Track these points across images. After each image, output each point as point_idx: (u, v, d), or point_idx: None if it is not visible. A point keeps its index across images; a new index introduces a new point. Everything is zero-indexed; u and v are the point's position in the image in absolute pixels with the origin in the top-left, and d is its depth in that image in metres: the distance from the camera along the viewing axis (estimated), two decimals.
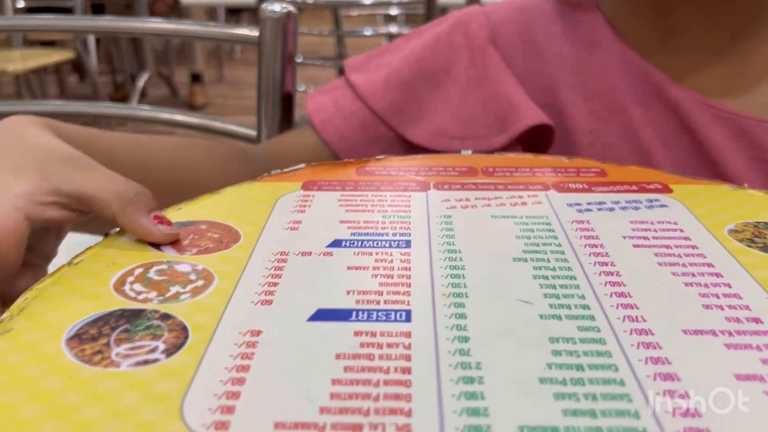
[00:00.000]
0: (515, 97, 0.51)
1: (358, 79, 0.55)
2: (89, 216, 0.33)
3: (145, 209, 0.32)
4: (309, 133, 0.55)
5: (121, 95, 3.51)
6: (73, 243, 0.36)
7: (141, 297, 0.28)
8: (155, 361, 0.24)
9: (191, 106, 3.48)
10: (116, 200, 0.32)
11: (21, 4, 2.98)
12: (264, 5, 0.60)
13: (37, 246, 0.36)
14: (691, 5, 0.47)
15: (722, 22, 0.48)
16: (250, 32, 0.63)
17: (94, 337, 0.25)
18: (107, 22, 0.76)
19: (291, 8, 0.61)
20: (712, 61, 0.49)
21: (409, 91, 0.54)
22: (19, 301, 0.27)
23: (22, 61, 2.59)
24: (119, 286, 0.28)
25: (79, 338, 0.25)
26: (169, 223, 0.32)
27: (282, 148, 0.55)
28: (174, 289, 0.28)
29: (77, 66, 3.51)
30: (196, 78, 3.57)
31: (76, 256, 0.31)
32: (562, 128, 0.51)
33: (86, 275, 0.29)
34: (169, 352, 0.24)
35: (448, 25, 0.55)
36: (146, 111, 0.74)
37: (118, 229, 0.33)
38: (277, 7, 0.60)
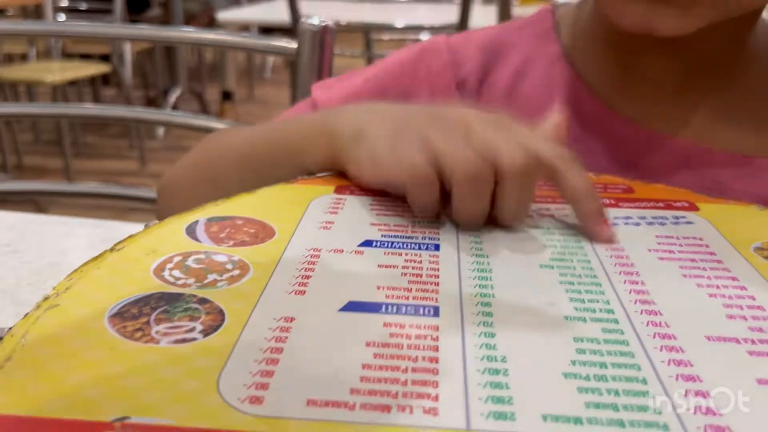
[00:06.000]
0: None
1: (320, 96, 0.57)
2: None
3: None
4: None
5: None
6: (109, 238, 0.37)
7: (180, 282, 0.29)
8: (193, 339, 0.25)
9: None
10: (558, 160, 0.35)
11: (64, 2, 3.07)
12: (303, 19, 0.62)
13: None
14: (652, 45, 0.46)
15: (681, 61, 0.47)
16: (288, 44, 0.65)
17: (135, 316, 0.26)
18: (147, 30, 0.79)
19: (329, 22, 0.62)
20: (669, 99, 0.48)
21: None
22: (65, 281, 0.28)
23: (60, 72, 2.66)
24: (159, 272, 0.30)
25: (120, 316, 0.26)
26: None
27: None
28: (211, 277, 0.29)
29: (108, 79, 3.58)
30: (227, 96, 3.63)
31: (119, 243, 0.32)
32: None
33: (128, 261, 0.31)
34: (207, 332, 0.25)
35: (414, 54, 0.55)
36: (180, 117, 0.76)
37: (157, 221, 0.34)
38: (315, 21, 0.62)
